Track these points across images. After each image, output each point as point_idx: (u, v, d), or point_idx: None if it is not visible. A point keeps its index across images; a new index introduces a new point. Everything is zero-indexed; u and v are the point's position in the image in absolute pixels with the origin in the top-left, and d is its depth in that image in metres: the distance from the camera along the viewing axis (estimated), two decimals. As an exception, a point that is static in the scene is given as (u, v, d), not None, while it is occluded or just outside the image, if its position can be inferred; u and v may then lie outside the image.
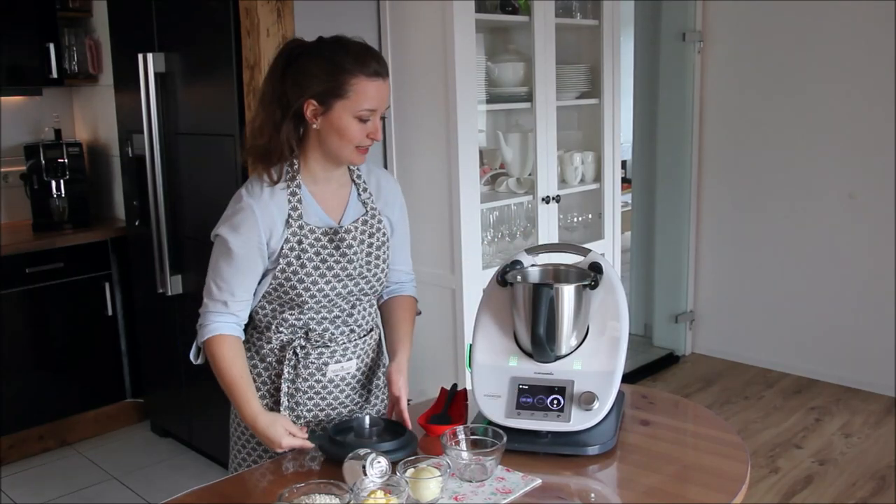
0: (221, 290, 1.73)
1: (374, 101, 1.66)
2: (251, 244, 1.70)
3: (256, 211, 1.70)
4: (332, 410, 1.84)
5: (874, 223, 4.04)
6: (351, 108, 1.65)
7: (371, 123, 1.68)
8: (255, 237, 1.70)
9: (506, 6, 3.34)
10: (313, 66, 1.66)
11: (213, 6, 3.03)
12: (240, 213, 1.71)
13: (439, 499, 1.43)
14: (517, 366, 1.71)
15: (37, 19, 3.77)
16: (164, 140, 3.40)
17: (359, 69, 1.64)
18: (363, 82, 1.64)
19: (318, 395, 1.82)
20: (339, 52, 1.66)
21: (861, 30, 3.96)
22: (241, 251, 1.70)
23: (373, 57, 1.67)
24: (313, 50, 1.68)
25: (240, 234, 1.70)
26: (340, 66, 1.64)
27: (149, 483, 3.45)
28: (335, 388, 1.83)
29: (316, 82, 1.65)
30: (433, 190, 3.21)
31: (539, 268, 1.81)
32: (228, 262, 1.71)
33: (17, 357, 3.62)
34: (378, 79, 1.66)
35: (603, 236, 3.80)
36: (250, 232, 1.69)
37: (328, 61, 1.65)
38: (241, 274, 1.72)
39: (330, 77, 1.64)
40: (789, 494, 3.19)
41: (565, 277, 1.78)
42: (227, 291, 1.73)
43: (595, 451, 1.62)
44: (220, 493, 1.58)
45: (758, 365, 4.54)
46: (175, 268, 3.48)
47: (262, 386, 1.81)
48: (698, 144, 4.61)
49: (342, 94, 1.64)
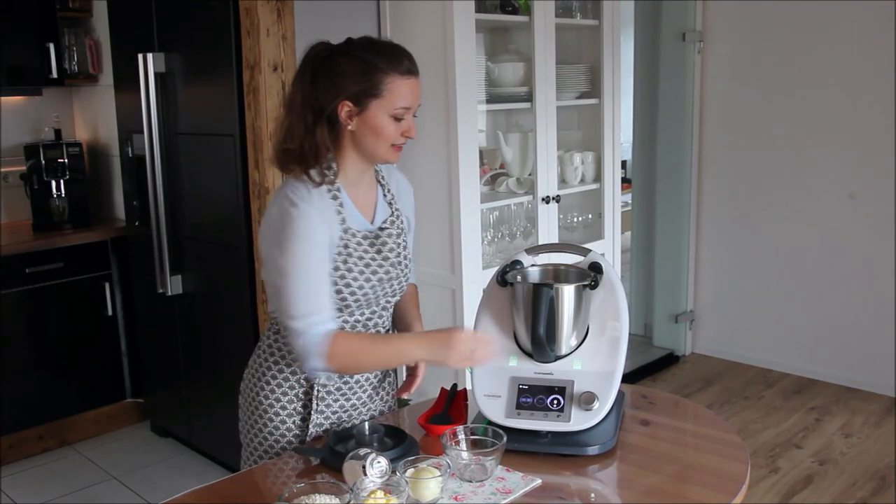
0: (310, 303, 1.63)
1: (408, 98, 1.67)
2: (322, 248, 1.66)
3: (314, 216, 1.65)
4: (354, 410, 1.85)
5: (874, 223, 4.04)
6: (386, 107, 1.66)
7: (406, 122, 1.69)
8: (322, 239, 1.66)
9: (506, 6, 3.34)
10: (346, 66, 1.65)
11: (213, 6, 3.03)
12: (298, 220, 1.63)
13: (439, 499, 1.43)
14: (517, 366, 1.71)
15: (37, 19, 3.77)
16: (164, 140, 3.40)
17: (392, 68, 1.65)
18: (397, 81, 1.65)
19: (344, 397, 1.82)
20: (371, 51, 1.66)
21: (861, 30, 3.96)
22: (317, 257, 1.65)
23: (405, 55, 1.68)
24: (344, 51, 1.68)
25: (310, 241, 1.64)
26: (374, 65, 1.64)
27: (149, 483, 3.45)
28: (360, 388, 1.84)
29: (350, 83, 1.64)
30: (433, 190, 3.21)
31: (539, 268, 1.81)
32: (306, 274, 1.63)
33: (17, 357, 3.62)
34: (411, 77, 1.68)
35: (603, 236, 3.80)
36: (318, 236, 1.65)
37: (361, 61, 1.65)
38: (325, 283, 1.67)
39: (364, 77, 1.64)
40: (789, 494, 3.19)
41: (565, 277, 1.78)
42: (316, 306, 1.64)
43: (595, 451, 1.62)
44: (220, 493, 1.58)
45: (758, 365, 4.54)
46: (175, 268, 3.48)
47: (289, 391, 1.79)
48: (698, 144, 4.61)
49: (377, 93, 1.65)
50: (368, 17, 3.29)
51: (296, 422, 1.79)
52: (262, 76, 2.90)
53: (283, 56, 2.95)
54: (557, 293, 1.66)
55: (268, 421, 1.80)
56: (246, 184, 3.06)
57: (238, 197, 3.08)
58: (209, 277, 3.40)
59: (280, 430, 1.79)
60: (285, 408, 1.79)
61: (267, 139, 2.94)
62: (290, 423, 1.79)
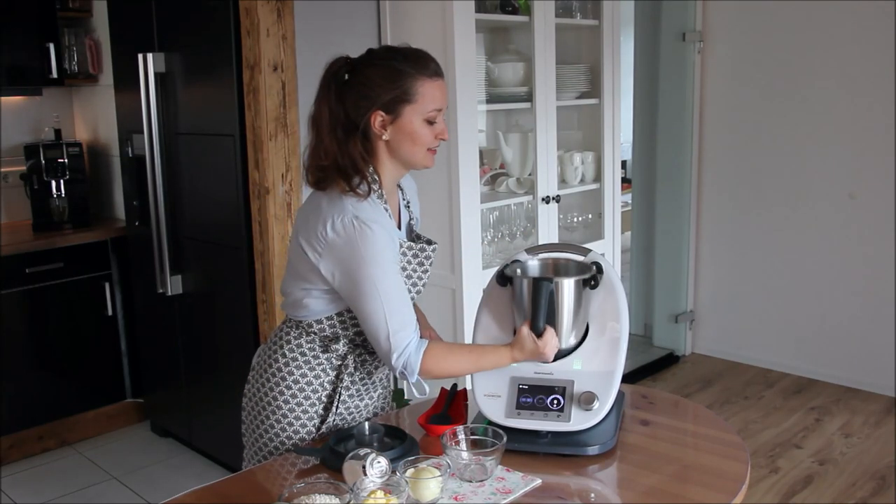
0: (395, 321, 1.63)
1: (439, 100, 1.68)
2: (397, 264, 1.67)
3: (385, 235, 1.64)
4: (365, 409, 1.86)
5: (874, 223, 4.04)
6: (420, 111, 1.66)
7: (438, 124, 1.70)
8: (396, 256, 1.67)
9: (506, 6, 3.34)
10: (374, 76, 1.65)
11: (213, 6, 3.03)
12: (374, 241, 1.62)
13: (439, 499, 1.43)
14: (517, 366, 1.71)
15: (37, 19, 3.76)
16: (164, 140, 3.40)
17: (420, 71, 1.66)
18: (427, 83, 1.66)
19: (359, 397, 1.84)
20: (395, 58, 1.66)
21: (861, 30, 3.96)
22: (395, 273, 1.65)
23: (430, 58, 1.69)
24: (367, 62, 1.67)
25: (389, 261, 1.64)
26: (402, 70, 1.64)
27: (149, 483, 3.45)
28: (374, 388, 1.86)
29: (381, 92, 1.64)
30: (433, 190, 3.20)
31: (539, 262, 1.81)
32: (390, 293, 1.63)
33: (17, 357, 3.62)
34: (438, 78, 1.69)
35: (603, 236, 3.80)
36: (392, 254, 1.65)
37: (388, 69, 1.65)
38: (406, 294, 1.67)
39: (394, 84, 1.64)
40: (789, 494, 3.19)
41: (565, 271, 1.78)
42: (401, 322, 1.64)
43: (595, 451, 1.62)
44: (220, 493, 1.58)
45: (758, 365, 4.54)
46: (175, 268, 3.48)
47: (312, 394, 1.78)
48: (698, 144, 4.61)
49: (410, 98, 1.65)
50: (368, 17, 3.29)
51: (315, 424, 1.79)
52: (262, 76, 2.90)
53: (283, 56, 2.95)
54: (557, 287, 1.66)
55: (281, 419, 1.78)
56: (246, 184, 3.06)
57: (238, 197, 3.08)
58: (209, 277, 3.40)
59: (299, 433, 1.78)
60: (306, 411, 1.78)
61: (267, 139, 2.94)
62: (311, 425, 1.79)
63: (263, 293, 3.08)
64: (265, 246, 3.03)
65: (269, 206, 2.98)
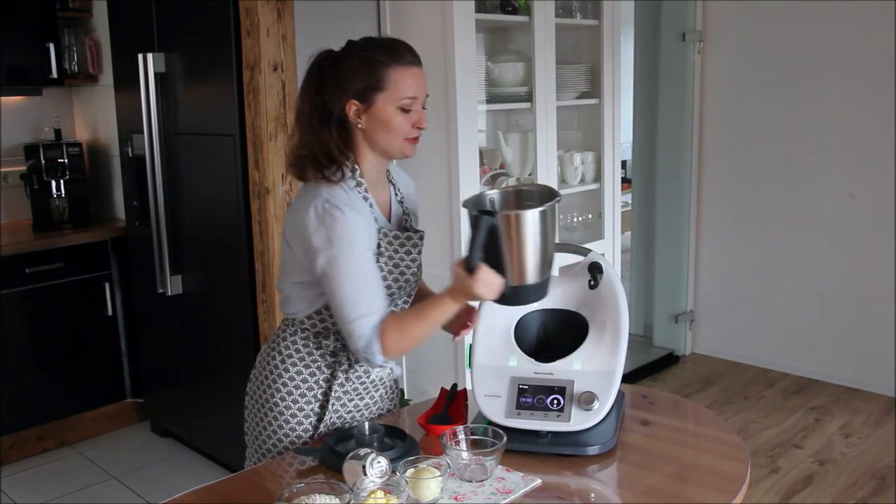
0: (363, 306, 1.64)
1: (413, 88, 1.68)
2: (369, 250, 1.67)
3: (359, 219, 1.66)
4: (366, 409, 1.86)
5: (874, 223, 4.04)
6: (392, 99, 1.67)
7: (414, 112, 1.69)
8: (368, 241, 1.67)
9: (506, 6, 3.34)
10: (349, 66, 1.68)
11: (213, 6, 3.03)
12: (343, 224, 1.64)
13: (439, 499, 1.43)
14: (517, 366, 1.71)
15: (37, 19, 3.76)
16: (164, 140, 3.40)
17: (393, 60, 1.67)
18: (399, 71, 1.67)
19: (358, 396, 1.83)
20: (371, 48, 1.69)
21: (861, 30, 3.96)
22: (366, 259, 1.66)
23: (405, 47, 1.70)
24: (346, 54, 1.70)
25: (358, 244, 1.65)
26: (375, 59, 1.66)
27: (149, 483, 3.45)
28: (373, 387, 1.86)
29: (354, 81, 1.67)
30: (433, 190, 3.20)
31: (500, 193, 1.75)
32: (357, 278, 1.64)
33: (17, 357, 3.62)
34: (413, 66, 1.69)
35: (603, 236, 3.80)
36: (364, 239, 1.66)
37: (362, 59, 1.67)
38: (376, 281, 1.67)
39: (367, 72, 1.66)
40: (789, 494, 3.19)
41: (528, 199, 1.70)
42: (369, 308, 1.64)
43: (595, 451, 1.62)
44: (220, 493, 1.58)
45: (758, 365, 4.54)
46: (175, 268, 3.48)
47: (308, 392, 1.79)
48: (698, 144, 4.61)
49: (381, 86, 1.66)
50: (368, 17, 3.29)
51: (312, 422, 1.79)
52: (262, 76, 2.90)
53: (283, 56, 2.95)
54: (509, 221, 1.58)
55: (278, 416, 1.79)
56: (246, 184, 3.06)
57: (238, 197, 3.08)
58: (209, 277, 3.40)
59: (296, 431, 1.79)
60: (302, 409, 1.79)
61: (267, 139, 2.94)
62: (307, 423, 1.79)
63: (263, 293, 3.08)
64: (265, 246, 3.03)
65: (269, 206, 2.98)
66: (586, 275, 1.76)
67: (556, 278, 1.83)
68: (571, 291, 1.79)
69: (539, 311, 1.80)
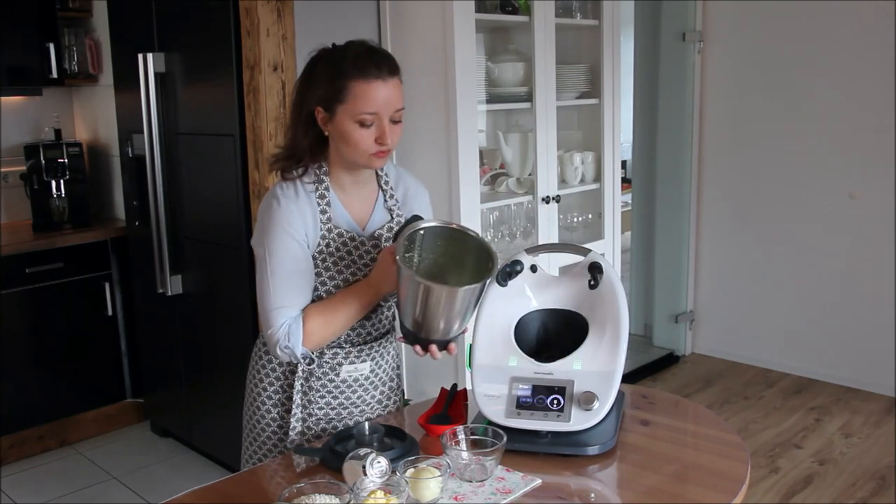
0: (283, 296, 1.67)
1: (373, 104, 1.63)
2: (300, 241, 1.69)
3: (294, 210, 1.68)
4: (343, 410, 1.84)
5: (874, 223, 4.04)
6: (351, 113, 1.63)
7: (376, 128, 1.64)
8: (300, 234, 1.68)
9: (506, 6, 3.34)
10: (320, 71, 1.66)
11: (213, 6, 3.03)
12: (277, 213, 1.68)
13: (439, 499, 1.43)
14: (517, 366, 1.71)
15: (37, 19, 3.77)
16: (164, 140, 3.40)
17: (356, 72, 1.62)
18: (360, 85, 1.62)
19: (330, 395, 1.82)
20: (340, 56, 1.66)
21: (861, 30, 3.96)
22: (293, 250, 1.68)
23: (373, 59, 1.64)
24: (325, 55, 1.68)
25: (287, 234, 1.67)
26: (339, 69, 1.63)
27: (149, 483, 3.45)
28: (348, 388, 1.84)
29: (320, 88, 1.65)
30: (433, 190, 3.17)
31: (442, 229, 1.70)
32: (282, 266, 1.67)
33: (17, 357, 3.62)
34: (377, 80, 1.63)
35: (603, 236, 3.80)
36: (295, 229, 1.68)
37: (332, 66, 1.64)
38: (301, 276, 1.69)
39: (330, 81, 1.64)
40: (789, 494, 3.19)
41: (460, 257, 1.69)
42: (288, 298, 1.67)
43: (595, 451, 1.62)
44: (220, 493, 1.58)
45: (758, 365, 4.54)
46: (175, 268, 3.48)
47: (275, 381, 1.82)
48: (698, 144, 4.61)
49: (341, 98, 1.63)
50: (368, 17, 3.29)
51: (280, 413, 1.82)
52: (262, 76, 2.90)
53: (283, 56, 2.95)
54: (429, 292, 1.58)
55: (256, 410, 1.85)
56: (246, 184, 3.06)
57: (238, 197, 3.08)
58: (209, 277, 3.40)
59: (266, 419, 1.83)
60: (271, 398, 1.83)
61: (267, 139, 2.94)
62: (275, 413, 1.82)
63: (263, 293, 3.08)
64: (265, 246, 3.03)
65: (269, 206, 2.98)
66: (586, 275, 1.76)
67: (556, 278, 1.83)
68: (571, 291, 1.78)
69: (539, 311, 1.80)
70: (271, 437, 1.83)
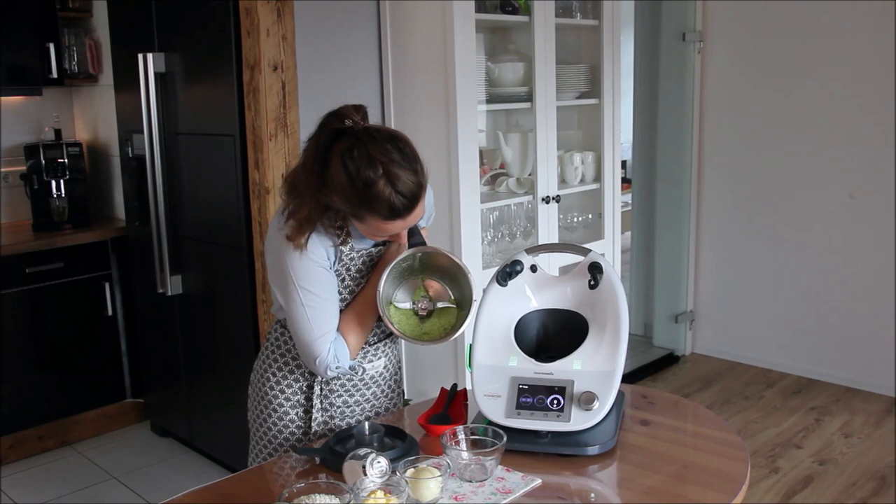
0: (325, 325, 1.70)
1: (391, 231, 1.63)
2: (325, 267, 1.70)
3: (314, 237, 1.66)
4: (357, 406, 1.88)
5: (874, 223, 4.04)
6: (367, 230, 1.65)
7: (394, 234, 1.67)
8: (324, 259, 1.69)
9: (506, 6, 3.34)
10: (336, 177, 1.56)
11: (213, 6, 3.03)
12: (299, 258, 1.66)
13: (439, 499, 1.43)
14: (517, 366, 1.71)
15: (37, 19, 3.76)
16: (164, 140, 3.40)
17: (377, 212, 1.57)
18: (379, 222, 1.59)
19: (348, 394, 1.86)
20: (359, 177, 1.54)
21: (861, 30, 3.96)
22: (325, 278, 1.69)
23: (402, 204, 1.56)
24: (342, 153, 1.55)
25: (314, 263, 1.67)
26: (358, 197, 1.55)
27: (149, 483, 3.45)
28: (364, 386, 1.87)
29: (339, 197, 1.58)
30: (433, 190, 3.20)
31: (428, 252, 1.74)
32: (317, 298, 1.69)
33: (17, 357, 3.62)
34: (397, 219, 1.59)
35: (603, 236, 3.80)
36: (319, 257, 1.68)
37: (349, 186, 1.55)
38: (334, 299, 1.72)
39: (348, 203, 1.58)
40: (789, 494, 3.19)
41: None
42: (324, 327, 1.70)
43: (595, 451, 1.62)
44: (220, 493, 1.58)
45: (758, 365, 4.54)
46: (175, 268, 3.48)
47: (294, 383, 1.84)
48: (698, 144, 4.61)
49: (360, 218, 1.61)
50: (368, 17, 3.29)
51: (299, 413, 1.84)
52: (262, 76, 2.90)
53: (283, 56, 2.95)
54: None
55: (272, 412, 1.86)
56: (246, 184, 3.06)
57: (238, 197, 3.08)
58: (209, 277, 3.40)
59: (283, 420, 1.85)
60: (289, 399, 1.84)
61: (267, 139, 2.94)
62: (293, 414, 1.84)
63: (263, 293, 3.08)
64: (265, 246, 3.03)
65: (269, 206, 2.98)
66: (586, 275, 1.76)
67: (556, 278, 1.83)
68: (571, 291, 1.79)
69: (539, 311, 1.80)
70: (289, 438, 1.85)
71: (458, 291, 1.75)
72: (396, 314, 1.73)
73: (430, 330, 1.73)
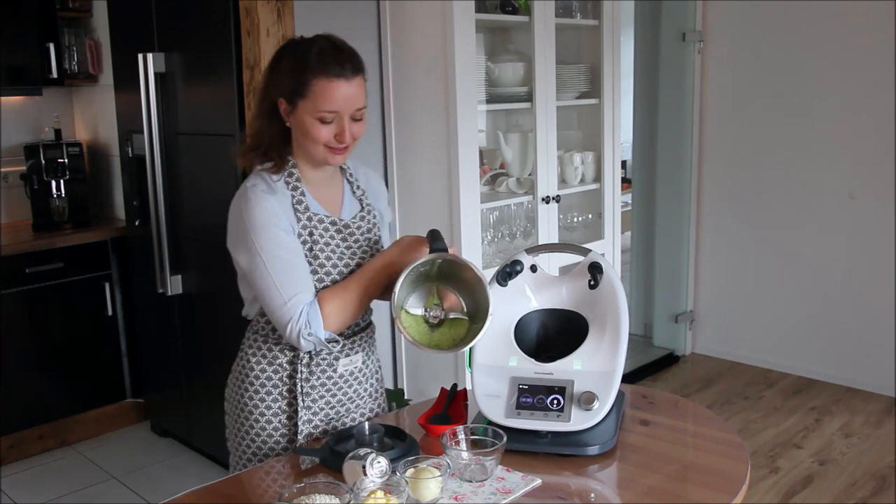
0: (291, 287, 1.67)
1: (334, 102, 1.64)
2: (287, 231, 1.69)
3: (271, 199, 1.68)
4: (341, 406, 1.84)
5: (874, 223, 4.04)
6: (311, 109, 1.65)
7: (336, 125, 1.66)
8: (284, 223, 1.68)
9: (506, 6, 3.34)
10: (285, 63, 1.67)
11: (213, 6, 3.03)
12: (256, 209, 1.67)
13: (439, 499, 1.43)
14: (517, 366, 1.71)
15: (37, 19, 3.77)
16: (164, 140, 3.40)
17: (320, 69, 1.63)
18: (322, 83, 1.63)
19: (329, 392, 1.82)
20: (305, 50, 1.66)
21: (861, 30, 3.96)
22: (285, 239, 1.68)
23: (337, 57, 1.64)
24: (291, 47, 1.70)
25: (273, 225, 1.67)
26: (304, 64, 1.64)
27: (149, 483, 3.45)
28: (345, 383, 1.84)
29: (284, 81, 1.67)
30: (433, 190, 3.21)
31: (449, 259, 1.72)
32: (279, 258, 1.67)
33: (17, 357, 3.62)
34: (340, 80, 1.63)
35: (603, 236, 3.80)
36: (280, 220, 1.68)
37: (297, 60, 1.65)
38: (301, 262, 1.70)
39: (294, 75, 1.65)
40: (789, 494, 3.19)
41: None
42: (296, 287, 1.67)
43: (595, 451, 1.62)
44: (220, 493, 1.58)
45: (758, 365, 4.54)
46: (175, 268, 3.48)
47: (273, 389, 1.80)
48: (698, 144, 4.61)
49: (303, 93, 1.65)
50: (368, 17, 3.29)
51: (282, 421, 1.80)
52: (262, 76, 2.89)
53: (283, 56, 2.94)
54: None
55: (254, 423, 1.81)
56: (246, 184, 3.05)
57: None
58: (209, 277, 3.40)
59: (267, 430, 1.80)
60: (270, 407, 1.80)
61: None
62: (278, 423, 1.80)
63: (263, 293, 3.08)
64: (265, 246, 3.03)
65: (269, 206, 2.98)
66: (586, 275, 1.76)
67: (556, 278, 1.83)
68: (571, 291, 1.78)
69: (539, 311, 1.80)
70: (274, 447, 1.81)
71: (473, 304, 1.71)
72: (407, 319, 1.70)
73: (440, 340, 1.70)
